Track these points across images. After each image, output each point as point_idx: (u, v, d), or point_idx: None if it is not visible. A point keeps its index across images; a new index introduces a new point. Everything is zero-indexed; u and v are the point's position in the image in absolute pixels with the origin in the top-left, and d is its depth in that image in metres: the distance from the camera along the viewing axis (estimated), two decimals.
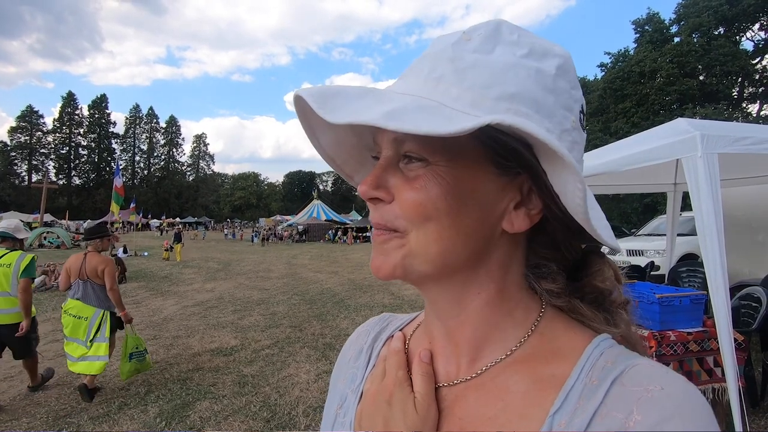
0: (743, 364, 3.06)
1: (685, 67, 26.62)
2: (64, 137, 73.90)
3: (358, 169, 0.54)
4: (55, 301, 9.08)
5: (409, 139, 0.40)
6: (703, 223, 2.80)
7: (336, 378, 0.61)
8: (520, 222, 0.42)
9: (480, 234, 0.42)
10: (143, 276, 13.10)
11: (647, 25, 30.38)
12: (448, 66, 0.40)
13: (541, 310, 0.45)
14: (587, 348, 0.41)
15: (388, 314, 0.64)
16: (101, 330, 4.13)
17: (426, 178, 0.40)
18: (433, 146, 0.40)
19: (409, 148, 0.41)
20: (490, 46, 0.40)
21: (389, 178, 0.42)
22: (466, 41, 0.41)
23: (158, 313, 7.92)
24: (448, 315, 0.46)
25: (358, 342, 0.61)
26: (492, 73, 0.38)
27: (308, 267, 15.80)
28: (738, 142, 2.99)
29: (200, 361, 5.16)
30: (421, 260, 0.41)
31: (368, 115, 0.33)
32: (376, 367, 0.54)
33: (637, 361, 0.38)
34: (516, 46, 0.40)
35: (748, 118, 27.50)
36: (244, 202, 79.24)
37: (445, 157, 0.40)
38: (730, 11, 26.31)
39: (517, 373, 0.42)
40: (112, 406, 3.95)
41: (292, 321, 7.17)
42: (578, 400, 0.37)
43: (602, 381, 0.37)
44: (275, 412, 3.83)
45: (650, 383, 0.35)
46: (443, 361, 0.48)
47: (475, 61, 0.39)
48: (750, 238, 6.44)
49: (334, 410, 0.55)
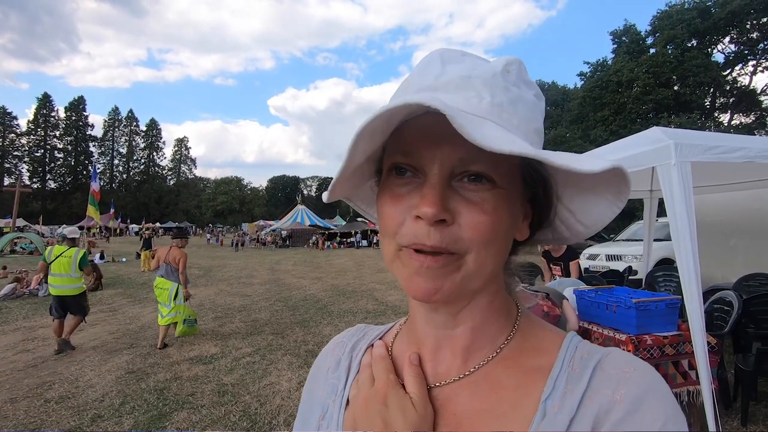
0: (716, 366, 3.14)
1: (660, 78, 27.52)
2: (39, 139, 71.64)
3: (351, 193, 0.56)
4: (26, 309, 8.76)
5: (480, 159, 0.40)
6: (677, 229, 2.88)
7: (312, 389, 0.60)
8: (524, 231, 0.48)
9: (508, 249, 0.47)
10: (121, 283, 12.75)
11: (624, 36, 31.35)
12: (505, 95, 0.43)
13: (519, 310, 0.50)
14: (563, 342, 0.46)
15: (363, 325, 0.64)
16: (179, 297, 5.94)
17: (495, 201, 0.42)
18: (498, 169, 0.42)
19: (480, 169, 0.41)
20: (520, 83, 0.45)
21: (448, 199, 0.41)
22: (507, 73, 0.45)
23: (135, 320, 7.71)
24: (450, 325, 0.48)
25: (334, 353, 0.61)
26: (528, 109, 0.45)
27: (291, 273, 15.63)
28: (710, 150, 3.10)
29: (178, 370, 5.03)
30: (476, 280, 0.43)
31: (523, 147, 0.36)
32: (361, 374, 0.54)
33: (608, 350, 0.44)
34: (530, 86, 0.47)
35: (719, 127, 28.57)
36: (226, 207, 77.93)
37: (508, 180, 0.43)
38: (702, 24, 27.35)
39: (507, 369, 0.46)
40: (84, 418, 3.81)
41: (274, 328, 7.06)
42: (566, 386, 0.42)
43: (584, 369, 0.42)
44: (255, 421, 3.76)
45: (625, 366, 0.41)
46: (432, 364, 0.49)
47: (517, 95, 0.44)
48: (722, 244, 6.65)
49: (316, 421, 0.54)
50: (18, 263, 16.64)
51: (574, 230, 0.50)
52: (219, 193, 79.80)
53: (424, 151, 0.42)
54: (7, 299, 9.70)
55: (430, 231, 0.40)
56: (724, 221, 6.61)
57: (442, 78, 0.44)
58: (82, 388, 4.50)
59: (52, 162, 73.10)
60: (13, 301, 9.66)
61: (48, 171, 72.45)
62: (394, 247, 0.43)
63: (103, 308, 8.86)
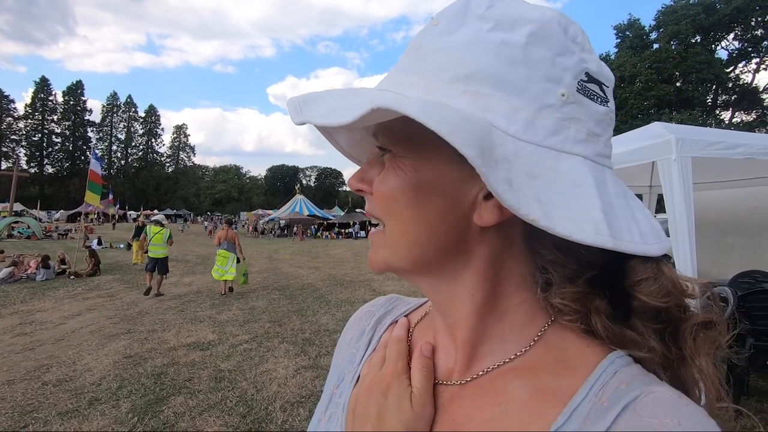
0: None
1: (662, 73, 27.42)
2: (37, 124, 71.26)
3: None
4: (24, 293, 8.78)
5: (381, 132, 0.41)
6: (676, 225, 2.89)
7: (336, 355, 0.60)
8: (488, 214, 0.37)
9: (446, 227, 0.38)
10: (118, 268, 12.75)
11: (628, 31, 31.15)
12: (413, 55, 0.39)
13: (550, 320, 0.41)
14: (601, 363, 0.36)
15: (396, 296, 0.62)
16: (231, 263, 8.91)
17: (390, 169, 0.40)
18: (396, 137, 0.39)
19: (381, 142, 0.41)
20: (455, 26, 0.38)
21: (373, 171, 0.43)
22: (434, 26, 0.39)
23: (133, 306, 7.73)
24: (444, 312, 0.44)
25: (360, 322, 0.60)
26: (449, 56, 0.37)
27: (289, 262, 15.66)
28: (710, 146, 3.09)
29: (176, 356, 5.06)
30: (394, 255, 0.41)
31: (311, 114, 0.36)
32: (376, 352, 0.52)
33: (655, 387, 0.34)
34: (482, 21, 0.37)
35: (721, 124, 28.55)
36: (225, 196, 77.78)
37: (406, 147, 0.39)
38: (707, 20, 27.17)
39: (518, 379, 0.39)
40: (82, 401, 3.83)
41: (272, 316, 7.09)
42: (584, 421, 0.33)
43: (613, 404, 0.33)
44: (252, 407, 3.79)
45: (667, 416, 0.31)
46: (444, 356, 0.46)
47: (437, 45, 0.38)
48: (719, 240, 6.68)
49: (331, 389, 0.54)
50: (15, 248, 16.62)
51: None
52: (218, 181, 79.58)
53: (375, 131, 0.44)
54: (4, 283, 9.71)
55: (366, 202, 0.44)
56: (722, 218, 6.64)
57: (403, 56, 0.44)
58: (80, 372, 4.53)
59: (50, 147, 72.85)
60: (10, 285, 9.67)
61: (46, 156, 72.16)
62: None
63: (101, 293, 8.88)
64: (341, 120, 0.33)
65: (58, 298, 8.47)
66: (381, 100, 0.31)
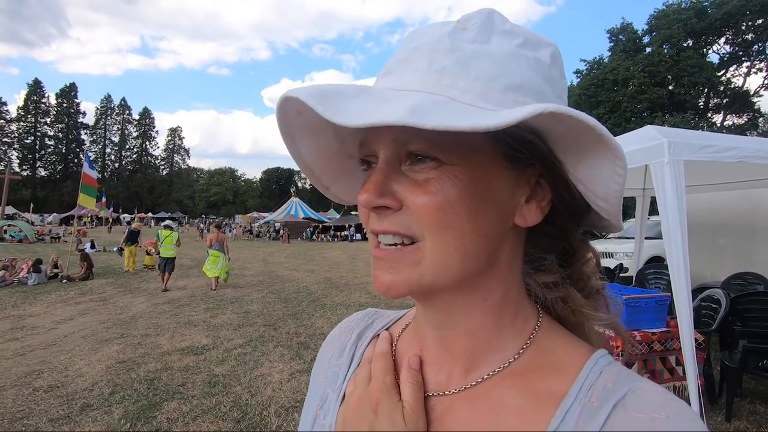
0: (703, 363, 3.19)
1: (655, 77, 27.66)
2: (29, 126, 70.47)
3: (335, 179, 0.50)
4: (15, 297, 8.68)
5: (416, 138, 0.36)
6: (669, 228, 2.91)
7: (316, 375, 0.58)
8: (532, 215, 0.40)
9: (496, 234, 0.40)
10: (112, 272, 12.64)
11: (621, 35, 31.41)
12: (448, 57, 0.37)
13: (539, 319, 0.44)
14: (586, 364, 0.39)
15: (374, 310, 0.61)
16: (221, 262, 9.92)
17: (441, 180, 0.37)
18: (444, 144, 0.36)
19: (416, 148, 0.37)
20: (486, 36, 0.38)
21: (392, 183, 0.39)
22: (462, 30, 0.38)
23: (126, 310, 7.66)
24: (446, 325, 0.43)
25: (340, 339, 0.58)
26: (494, 64, 0.37)
27: (284, 265, 15.60)
28: (703, 149, 3.12)
29: (169, 361, 5.02)
30: (440, 273, 0.38)
31: (390, 114, 0.30)
32: (360, 369, 0.51)
33: (639, 384, 0.36)
34: (511, 36, 0.39)
35: (712, 127, 28.82)
36: (219, 198, 77.46)
37: (459, 155, 0.37)
38: (699, 25, 27.48)
39: (513, 387, 0.40)
40: (73, 407, 3.79)
41: (267, 320, 7.06)
42: (577, 421, 0.35)
43: (603, 403, 0.35)
44: (246, 412, 3.76)
45: (655, 410, 0.34)
46: (434, 369, 0.45)
47: (475, 51, 0.37)
48: (712, 243, 6.74)
49: (314, 410, 0.52)
50: (7, 251, 16.45)
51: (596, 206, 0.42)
52: (212, 184, 79.24)
53: (371, 138, 0.40)
54: None
55: (373, 217, 0.40)
56: (714, 221, 6.70)
57: (394, 58, 0.41)
58: (72, 377, 4.47)
59: (43, 149, 72.04)
60: (1, 289, 9.56)
61: (38, 158, 71.40)
62: (371, 238, 0.42)
63: (94, 298, 8.80)
64: (482, 123, 0.29)
65: (50, 302, 8.38)
66: (553, 105, 0.30)
